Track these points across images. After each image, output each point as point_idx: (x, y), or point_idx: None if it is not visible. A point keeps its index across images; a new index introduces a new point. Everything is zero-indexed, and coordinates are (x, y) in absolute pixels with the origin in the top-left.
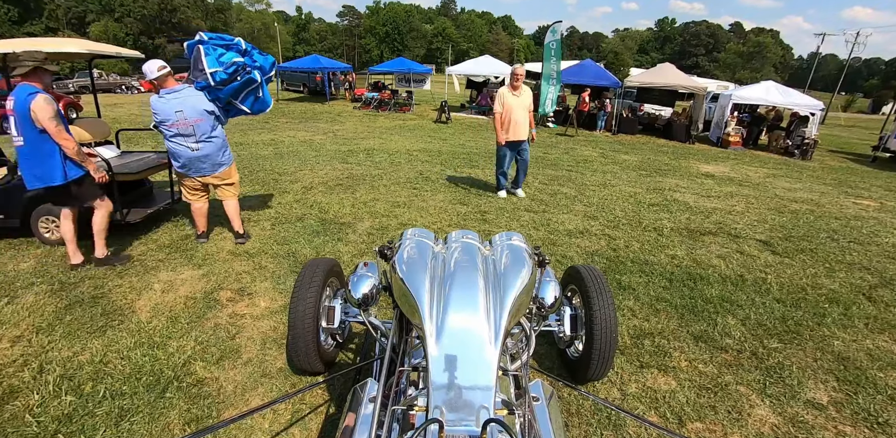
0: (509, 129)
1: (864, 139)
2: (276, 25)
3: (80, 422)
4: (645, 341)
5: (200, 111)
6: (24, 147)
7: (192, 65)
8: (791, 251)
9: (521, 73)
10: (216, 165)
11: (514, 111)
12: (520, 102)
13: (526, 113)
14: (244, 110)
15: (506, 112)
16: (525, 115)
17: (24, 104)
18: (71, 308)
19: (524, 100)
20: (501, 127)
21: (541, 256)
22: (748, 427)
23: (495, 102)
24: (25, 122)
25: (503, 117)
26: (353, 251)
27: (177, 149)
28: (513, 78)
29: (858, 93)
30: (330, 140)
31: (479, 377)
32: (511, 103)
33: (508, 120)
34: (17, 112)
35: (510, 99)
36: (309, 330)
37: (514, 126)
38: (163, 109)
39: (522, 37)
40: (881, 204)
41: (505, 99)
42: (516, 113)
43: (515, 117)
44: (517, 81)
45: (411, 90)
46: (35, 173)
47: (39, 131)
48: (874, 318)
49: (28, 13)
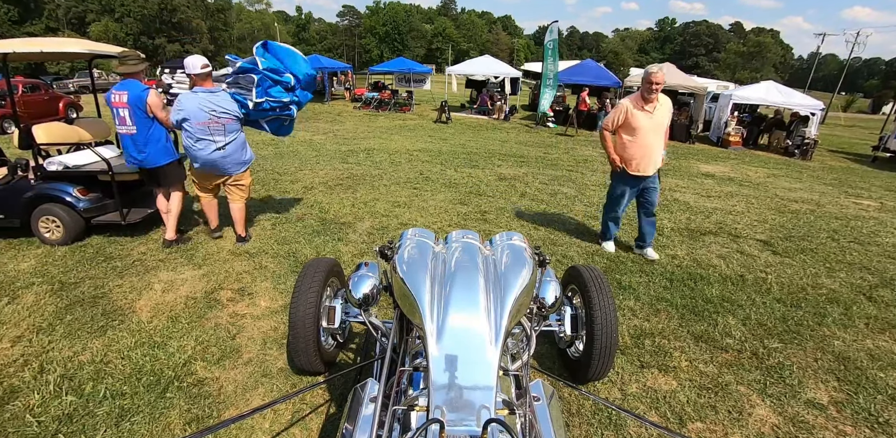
0: (633, 159)
1: (865, 139)
2: (276, 25)
3: (81, 422)
4: (645, 341)
5: (232, 111)
6: (137, 134)
7: (235, 79)
8: (791, 251)
9: (659, 79)
10: (240, 164)
11: (644, 134)
12: (654, 122)
13: (661, 137)
14: (264, 128)
15: (635, 134)
16: (659, 141)
17: (141, 97)
18: (71, 308)
19: (660, 118)
20: (620, 152)
21: (541, 256)
22: (748, 427)
23: (611, 117)
24: (140, 114)
25: (626, 141)
26: (354, 251)
27: (199, 151)
28: (647, 86)
29: (858, 93)
30: (330, 140)
31: (480, 377)
32: (642, 123)
33: (637, 146)
34: (133, 104)
35: (640, 117)
36: (309, 330)
37: (642, 155)
38: (190, 106)
39: (522, 37)
40: (881, 204)
41: (632, 117)
42: (647, 136)
43: (646, 142)
44: (654, 92)
45: (411, 90)
46: (145, 156)
47: (151, 120)
48: (874, 318)
49: (28, 13)
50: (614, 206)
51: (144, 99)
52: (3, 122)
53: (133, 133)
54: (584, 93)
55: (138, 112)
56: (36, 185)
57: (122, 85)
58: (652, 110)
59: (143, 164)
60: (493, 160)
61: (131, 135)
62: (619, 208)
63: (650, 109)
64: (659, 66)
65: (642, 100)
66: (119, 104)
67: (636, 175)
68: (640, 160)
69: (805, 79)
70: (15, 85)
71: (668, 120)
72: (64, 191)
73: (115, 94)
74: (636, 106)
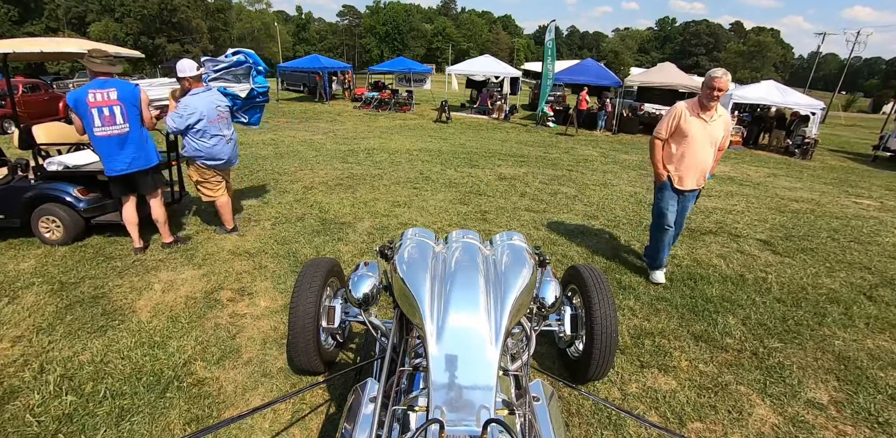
0: (681, 170)
1: (865, 138)
2: (276, 25)
3: (81, 422)
4: (645, 341)
5: (228, 104)
6: (131, 133)
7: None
8: (791, 250)
9: (723, 85)
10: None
11: (696, 144)
12: (707, 133)
13: (711, 151)
14: (241, 120)
15: (683, 142)
16: (709, 155)
17: (134, 94)
18: (71, 308)
19: (715, 130)
20: (665, 161)
21: (541, 256)
22: (748, 427)
23: (663, 122)
24: (134, 111)
25: (672, 149)
26: (354, 251)
27: (216, 147)
28: (708, 92)
29: (859, 92)
30: (330, 140)
31: (480, 377)
32: (694, 131)
33: (683, 155)
34: (126, 102)
35: (694, 124)
36: (309, 329)
37: (687, 166)
38: (202, 106)
39: (522, 36)
40: (881, 203)
41: (685, 122)
42: (700, 148)
43: (694, 152)
44: (715, 99)
45: (411, 90)
46: (138, 156)
47: (140, 119)
48: (874, 318)
49: (28, 13)
50: (660, 224)
51: (138, 95)
52: (3, 122)
53: (126, 132)
54: (584, 93)
55: (133, 109)
56: (36, 185)
57: (102, 83)
58: (708, 119)
59: (137, 166)
60: (493, 160)
61: (123, 134)
62: (666, 224)
63: (706, 118)
64: (724, 70)
65: (699, 106)
66: (106, 102)
67: (680, 189)
68: (683, 172)
69: (805, 78)
70: (15, 85)
71: (723, 134)
72: (64, 191)
73: (96, 93)
74: (691, 112)
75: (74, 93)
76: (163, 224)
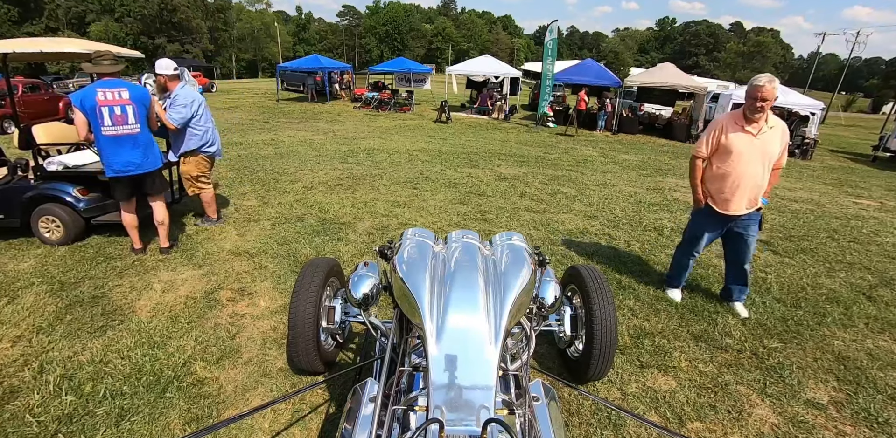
0: (721, 191)
1: (865, 139)
2: (276, 25)
3: (81, 422)
4: (645, 341)
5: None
6: (141, 134)
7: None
8: (791, 250)
9: (767, 94)
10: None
11: (743, 162)
12: (756, 147)
13: (765, 168)
14: None
15: (728, 160)
16: (762, 173)
17: (145, 96)
18: (71, 308)
19: (767, 145)
20: (707, 182)
21: (541, 256)
22: (748, 427)
23: (703, 139)
24: (145, 111)
25: (714, 168)
26: (354, 251)
27: (212, 132)
28: (751, 103)
29: (859, 92)
30: (330, 140)
31: (480, 377)
32: (740, 147)
33: (727, 174)
34: (138, 101)
35: (739, 139)
36: (309, 329)
37: (734, 186)
38: (194, 95)
39: (523, 36)
40: (881, 203)
41: (726, 138)
42: (748, 166)
43: (741, 170)
44: (759, 111)
45: (411, 90)
46: (147, 157)
47: (148, 121)
48: (874, 318)
49: (28, 13)
50: (688, 249)
51: (148, 97)
52: (3, 122)
53: (136, 132)
54: (583, 93)
55: (143, 110)
56: (36, 185)
57: (112, 83)
58: (756, 132)
59: (147, 167)
60: (493, 160)
61: (134, 134)
62: (694, 250)
63: (753, 131)
64: (770, 77)
65: (744, 118)
66: (118, 101)
67: (722, 213)
68: (729, 193)
69: (805, 78)
70: (15, 85)
71: (778, 148)
72: (64, 191)
73: (106, 92)
74: (735, 125)
75: (81, 93)
76: (166, 227)
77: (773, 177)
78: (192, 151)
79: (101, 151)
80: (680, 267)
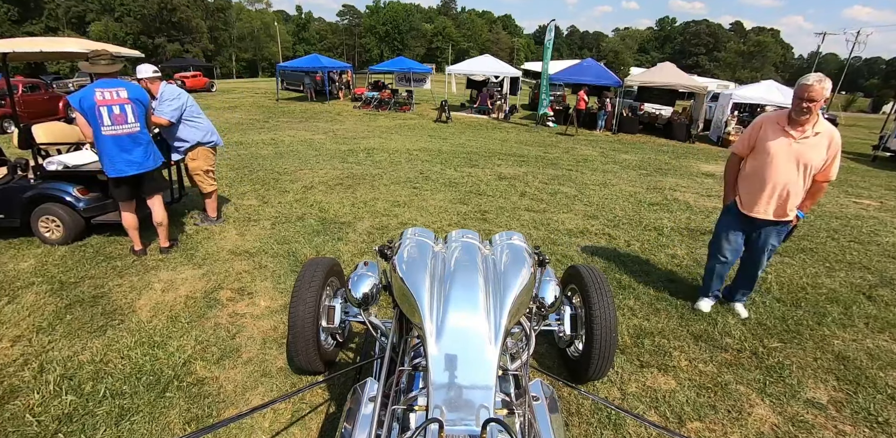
0: (751, 191)
1: (865, 138)
2: (276, 25)
3: (81, 422)
4: (645, 340)
5: None
6: (141, 133)
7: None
8: (791, 250)
9: (815, 94)
10: None
11: (774, 164)
12: (795, 151)
13: (801, 173)
14: None
15: (759, 160)
16: (796, 178)
17: (144, 95)
18: (71, 307)
19: (808, 151)
20: (736, 184)
21: (541, 256)
22: (748, 427)
23: (742, 136)
24: (143, 110)
25: (747, 166)
26: (353, 250)
27: (207, 122)
28: (797, 103)
29: (859, 92)
30: (330, 139)
31: (479, 376)
32: (777, 148)
33: (754, 173)
34: (137, 100)
35: (776, 140)
36: (309, 329)
37: (762, 188)
38: (178, 90)
39: (523, 36)
40: (881, 203)
41: (764, 137)
42: (779, 169)
43: (773, 173)
44: (805, 112)
45: (411, 89)
46: (147, 157)
47: (147, 120)
48: (874, 318)
49: (28, 13)
50: (712, 250)
51: (147, 96)
52: (3, 122)
53: (136, 131)
54: (582, 92)
55: (142, 109)
56: (36, 185)
57: (110, 82)
58: (798, 136)
59: (147, 166)
60: (493, 159)
61: (133, 133)
62: (718, 252)
63: (795, 134)
64: (820, 76)
65: (787, 119)
66: (117, 101)
67: (747, 215)
68: (755, 194)
69: None
70: (15, 85)
71: (821, 156)
72: (64, 191)
73: (104, 92)
74: (775, 125)
75: (78, 94)
76: (165, 227)
77: (817, 189)
78: (199, 144)
79: (102, 151)
80: (708, 271)
